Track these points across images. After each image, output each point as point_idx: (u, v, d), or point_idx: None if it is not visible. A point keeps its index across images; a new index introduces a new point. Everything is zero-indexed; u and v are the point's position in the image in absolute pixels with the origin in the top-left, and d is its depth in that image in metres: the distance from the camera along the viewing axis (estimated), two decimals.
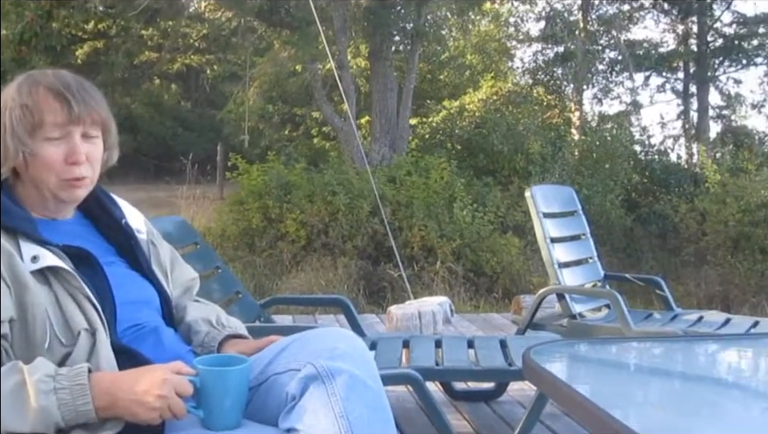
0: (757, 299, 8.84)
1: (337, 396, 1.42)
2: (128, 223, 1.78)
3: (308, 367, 1.46)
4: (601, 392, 1.48)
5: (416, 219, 9.00)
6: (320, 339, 1.54)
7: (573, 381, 1.44)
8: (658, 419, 1.37)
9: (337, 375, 1.44)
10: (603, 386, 1.57)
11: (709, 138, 16.68)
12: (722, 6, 17.04)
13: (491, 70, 17.27)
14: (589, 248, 4.71)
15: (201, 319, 1.81)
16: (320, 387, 1.43)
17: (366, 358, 1.52)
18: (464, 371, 3.17)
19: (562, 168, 11.18)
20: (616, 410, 1.22)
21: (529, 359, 1.46)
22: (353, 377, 1.45)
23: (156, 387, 1.40)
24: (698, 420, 1.40)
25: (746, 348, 2.35)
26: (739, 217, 9.78)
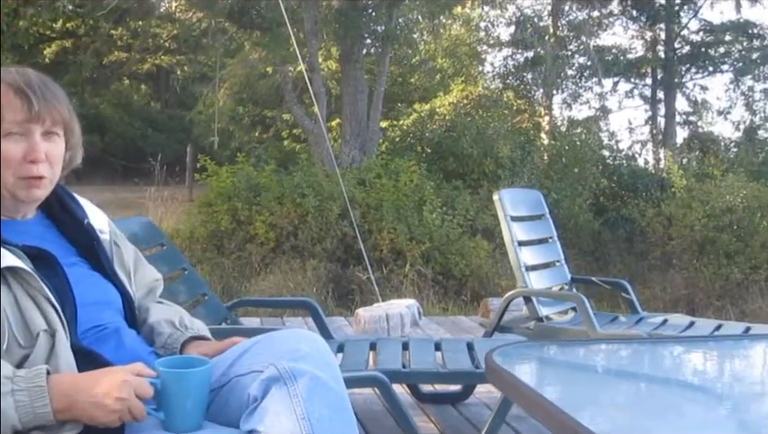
0: (721, 302, 8.96)
1: (299, 398, 1.42)
2: (90, 224, 1.76)
3: (270, 369, 1.46)
4: (562, 394, 1.49)
5: (385, 221, 9.00)
6: (283, 341, 1.54)
7: (534, 383, 1.45)
8: (620, 421, 1.38)
9: (299, 376, 1.44)
10: (565, 388, 1.58)
11: (676, 143, 16.88)
12: (689, 13, 17.26)
13: (462, 74, 17.35)
14: (556, 251, 4.75)
15: (164, 321, 1.80)
16: (282, 388, 1.43)
17: (329, 359, 1.52)
18: (430, 374, 3.18)
19: (531, 172, 11.25)
20: (577, 412, 1.23)
21: (490, 361, 1.47)
22: (315, 379, 1.44)
23: (115, 389, 1.38)
24: (660, 422, 1.41)
25: (709, 351, 2.38)
26: (704, 222, 9.90)
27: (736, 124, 18.05)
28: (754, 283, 9.16)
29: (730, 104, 18.12)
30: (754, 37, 17.12)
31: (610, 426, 1.31)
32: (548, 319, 4.26)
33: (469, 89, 15.88)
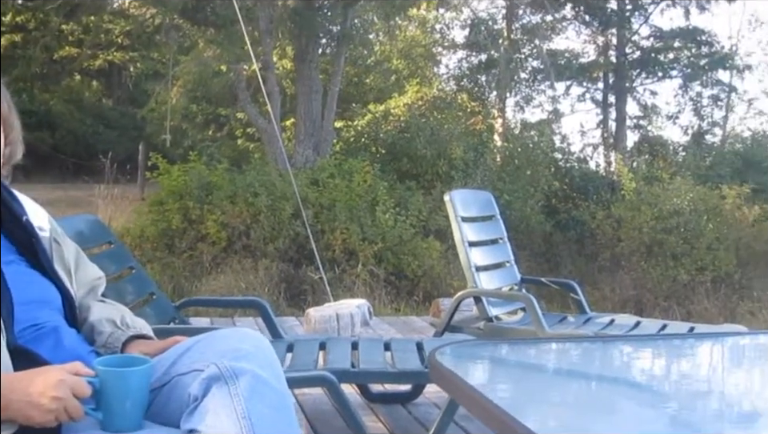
0: (668, 303, 9.13)
1: (239, 397, 1.40)
2: (29, 221, 1.73)
3: (211, 368, 1.44)
4: (504, 393, 1.50)
5: (338, 221, 8.99)
6: (224, 340, 1.53)
7: (476, 382, 1.46)
8: (561, 420, 1.39)
9: (240, 375, 1.43)
10: (507, 387, 1.59)
11: (626, 147, 17.17)
12: (640, 19, 17.57)
13: (417, 76, 17.41)
14: (506, 252, 4.78)
15: (105, 320, 1.77)
16: (223, 387, 1.42)
17: (271, 358, 1.51)
18: (379, 373, 3.19)
19: (484, 174, 11.33)
20: (518, 411, 1.24)
21: (434, 360, 1.47)
22: (256, 377, 1.44)
23: (51, 388, 1.36)
24: (598, 420, 1.43)
25: (653, 350, 2.43)
26: (653, 224, 10.08)
27: (684, 129, 18.45)
28: (700, 284, 9.35)
29: (679, 109, 18.51)
30: (702, 44, 17.49)
31: (550, 425, 1.32)
32: (498, 319, 4.29)
33: (423, 90, 15.94)
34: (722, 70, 18.01)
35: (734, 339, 2.81)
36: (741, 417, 1.62)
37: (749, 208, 10.26)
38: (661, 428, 1.44)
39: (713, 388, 1.93)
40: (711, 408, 1.70)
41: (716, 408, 1.70)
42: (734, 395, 1.85)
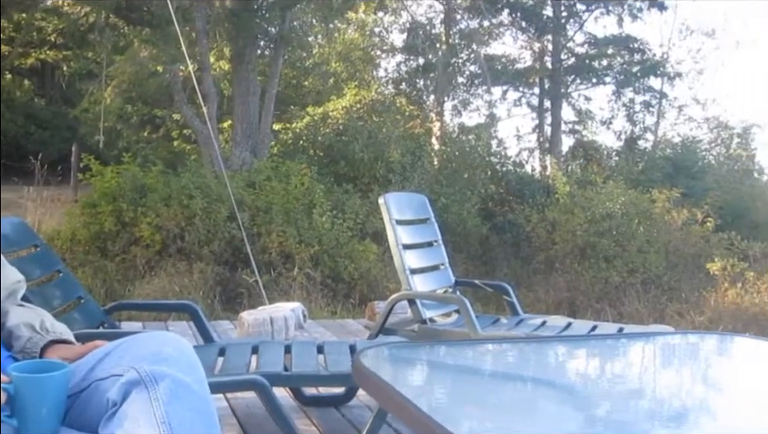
0: (600, 304, 9.29)
1: (159, 401, 1.38)
2: None
3: (131, 373, 1.42)
4: (424, 394, 1.50)
5: (275, 224, 8.93)
6: (145, 343, 1.50)
7: (397, 383, 1.47)
8: (479, 420, 1.41)
9: (160, 379, 1.40)
10: (428, 388, 1.60)
11: (561, 151, 17.46)
12: (575, 26, 17.91)
13: (355, 79, 17.42)
14: (441, 255, 4.80)
15: (23, 324, 1.72)
16: (142, 392, 1.39)
17: (192, 361, 1.49)
18: (311, 376, 3.18)
19: (422, 177, 11.40)
20: (435, 411, 1.25)
21: (357, 362, 1.47)
22: (176, 381, 1.41)
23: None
24: (519, 421, 1.45)
25: (581, 350, 2.47)
26: (586, 227, 10.26)
27: (618, 134, 18.84)
28: (631, 285, 9.55)
29: (612, 114, 18.89)
30: (634, 51, 17.93)
31: (468, 425, 1.33)
32: (432, 321, 4.31)
33: (362, 93, 15.95)
34: (654, 77, 18.48)
35: (661, 339, 2.88)
36: (669, 416, 1.66)
37: (678, 212, 10.52)
38: (588, 428, 1.46)
39: (640, 388, 1.97)
40: (640, 407, 1.73)
41: (646, 408, 1.74)
42: (663, 395, 1.89)
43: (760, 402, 1.75)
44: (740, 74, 31.05)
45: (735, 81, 31.47)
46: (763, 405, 1.72)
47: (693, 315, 8.34)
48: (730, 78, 31.92)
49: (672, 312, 8.72)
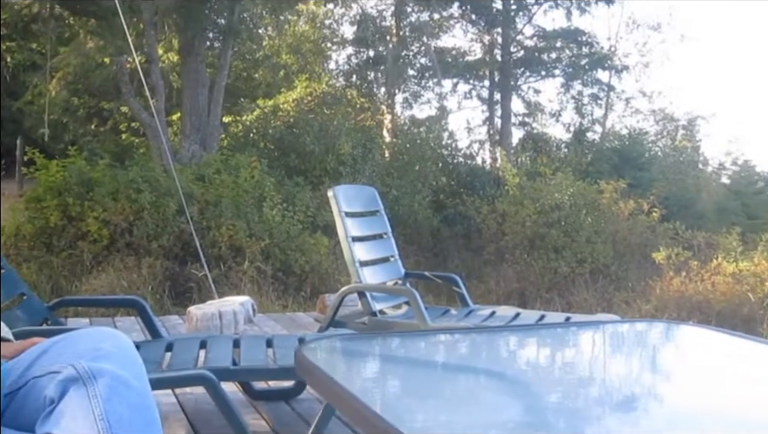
0: (549, 294, 9.41)
1: (98, 398, 1.36)
2: None
3: (68, 369, 1.39)
4: (364, 384, 1.50)
5: (224, 218, 8.85)
6: (83, 340, 1.48)
7: (337, 375, 1.47)
8: (418, 411, 1.41)
9: (99, 376, 1.38)
10: (367, 378, 1.60)
11: (511, 143, 17.60)
12: (524, 19, 18.05)
13: (306, 71, 17.34)
14: (390, 247, 4.82)
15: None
16: (80, 389, 1.37)
17: (132, 357, 1.47)
18: (260, 370, 3.16)
19: (372, 169, 11.41)
20: (374, 401, 1.25)
21: (299, 354, 1.47)
22: (115, 378, 1.39)
23: None
24: (461, 409, 1.46)
25: (527, 339, 2.50)
26: (535, 218, 10.37)
27: (567, 126, 19.06)
28: (580, 275, 9.69)
29: (561, 107, 19.10)
30: (582, 44, 18.14)
31: (410, 417, 1.33)
32: (382, 313, 4.33)
33: (313, 86, 15.90)
34: (602, 70, 18.73)
35: (607, 327, 2.93)
36: (619, 401, 1.69)
37: (624, 203, 10.68)
38: (539, 416, 1.48)
39: (588, 375, 1.99)
40: (590, 394, 1.75)
41: (595, 394, 1.76)
42: (611, 381, 1.92)
43: (703, 386, 1.79)
44: (685, 67, 31.71)
45: (680, 74, 32.08)
46: (706, 389, 1.76)
47: (639, 304, 8.48)
48: (675, 71, 32.57)
49: (619, 301, 8.86)
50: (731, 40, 32.10)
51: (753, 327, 7.51)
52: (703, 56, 31.84)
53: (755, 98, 32.65)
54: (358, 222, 4.51)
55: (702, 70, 31.71)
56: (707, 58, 31.01)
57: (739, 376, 1.89)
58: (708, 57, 31.58)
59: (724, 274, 8.52)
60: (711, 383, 1.83)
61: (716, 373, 1.96)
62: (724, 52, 30.19)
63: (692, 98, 33.90)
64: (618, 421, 1.51)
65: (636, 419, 1.52)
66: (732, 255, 8.98)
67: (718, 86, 31.30)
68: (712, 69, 32.04)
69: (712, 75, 32.15)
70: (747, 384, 1.78)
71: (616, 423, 1.49)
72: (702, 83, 32.43)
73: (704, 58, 31.93)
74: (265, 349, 3.37)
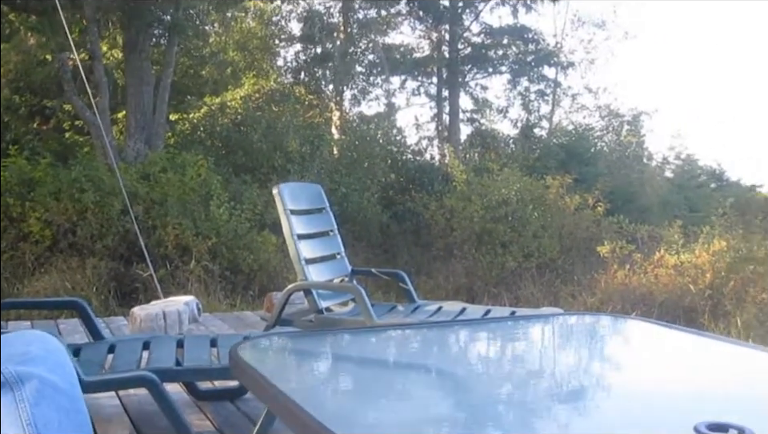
0: (497, 289, 9.50)
1: (25, 402, 1.34)
2: None
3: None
4: (296, 383, 1.49)
5: (170, 217, 8.76)
6: (10, 344, 1.45)
7: (272, 374, 1.46)
8: (342, 406, 1.41)
9: (26, 380, 1.36)
10: (301, 377, 1.59)
11: (459, 139, 17.70)
12: (471, 16, 18.16)
13: (254, 68, 17.20)
14: (337, 244, 4.82)
15: None
16: (8, 394, 1.35)
17: (62, 361, 1.45)
18: (203, 370, 3.15)
19: (321, 166, 11.37)
20: (306, 400, 1.25)
21: (234, 354, 1.46)
22: (44, 381, 1.37)
23: None
24: (383, 405, 1.45)
25: (471, 334, 2.52)
26: (482, 214, 10.45)
27: (514, 122, 19.21)
28: (527, 270, 9.80)
29: (509, 103, 19.24)
30: (529, 41, 18.32)
31: (345, 416, 1.32)
32: (329, 310, 4.33)
33: (261, 83, 15.79)
34: (548, 67, 18.92)
35: (549, 321, 2.97)
36: (567, 393, 1.70)
37: (570, 197, 10.83)
38: (487, 409, 1.49)
39: (533, 368, 2.01)
40: (536, 386, 1.77)
41: (542, 386, 1.78)
42: (556, 374, 1.94)
43: (644, 378, 1.83)
44: (629, 64, 32.25)
45: (625, 70, 32.60)
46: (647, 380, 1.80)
47: (585, 297, 8.62)
48: (619, 67, 33.06)
49: (566, 295, 8.99)
50: (672, 37, 32.75)
51: (694, 318, 7.69)
52: (646, 53, 32.44)
53: (697, 94, 33.42)
54: (303, 219, 4.50)
55: (645, 66, 32.33)
56: (650, 55, 31.54)
57: (670, 367, 1.93)
58: (650, 54, 32.17)
59: (666, 266, 8.70)
60: (644, 375, 1.87)
61: (650, 364, 2.00)
62: (666, 49, 30.79)
63: (636, 94, 34.46)
64: (556, 413, 1.53)
65: (569, 412, 1.54)
66: (674, 247, 9.18)
67: (661, 82, 31.88)
68: (655, 66, 32.68)
69: (655, 72, 32.79)
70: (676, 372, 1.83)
71: (555, 416, 1.51)
72: (645, 80, 33.01)
73: (647, 55, 32.53)
74: (209, 349, 3.35)
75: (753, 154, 31.49)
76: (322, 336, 2.27)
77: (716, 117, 32.59)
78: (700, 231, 9.41)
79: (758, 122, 30.16)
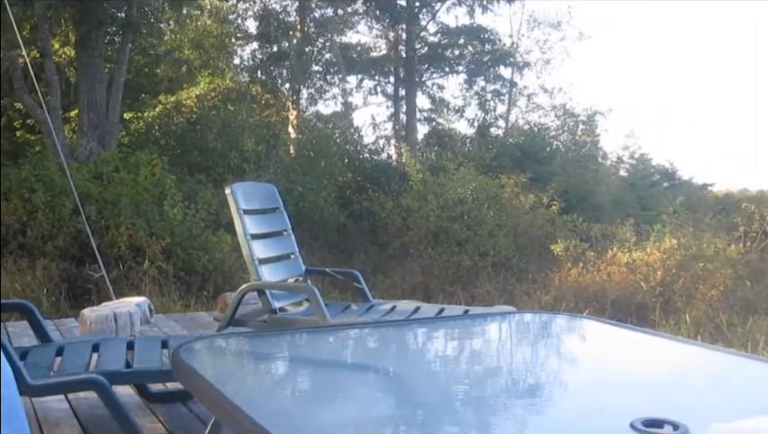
0: (453, 287, 9.55)
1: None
2: None
3: None
4: (236, 385, 1.48)
5: (124, 217, 8.64)
6: None
7: (212, 375, 1.45)
8: (285, 407, 1.40)
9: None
10: (242, 379, 1.58)
11: (416, 138, 17.75)
12: (428, 16, 18.23)
13: (209, 67, 17.04)
14: (291, 244, 4.79)
15: None
16: None
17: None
18: (153, 372, 3.12)
19: (277, 166, 11.32)
20: (247, 401, 1.24)
21: (175, 355, 1.45)
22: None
23: None
24: (328, 406, 1.45)
25: (424, 332, 2.53)
26: (438, 213, 10.50)
27: (471, 121, 19.33)
28: (482, 268, 9.87)
29: (465, 103, 19.36)
30: (485, 41, 18.46)
31: (285, 418, 1.32)
32: (283, 310, 4.31)
33: (216, 82, 15.64)
34: (504, 67, 19.08)
35: (502, 318, 2.99)
36: (522, 390, 1.72)
37: (525, 196, 10.94)
38: (445, 406, 1.50)
39: (487, 365, 2.03)
40: (489, 383, 1.78)
41: (494, 383, 1.79)
42: (508, 371, 1.96)
43: (586, 375, 1.86)
44: (584, 64, 32.67)
45: (580, 71, 33.03)
46: (589, 378, 1.82)
47: (539, 295, 8.70)
48: (574, 68, 33.46)
49: (521, 292, 9.07)
50: (626, 38, 33.27)
51: (645, 314, 7.82)
52: (600, 54, 32.90)
53: (651, 94, 33.97)
54: (257, 219, 4.47)
55: (600, 67, 32.79)
56: (604, 55, 32.03)
57: (613, 365, 1.97)
58: (605, 54, 32.63)
59: (619, 264, 8.84)
60: (587, 373, 1.90)
61: (594, 362, 2.03)
62: (620, 50, 31.25)
63: (591, 94, 34.92)
64: (496, 410, 1.54)
65: (510, 409, 1.56)
66: (626, 245, 9.32)
67: (616, 82, 32.39)
68: (609, 66, 33.16)
69: (609, 72, 33.28)
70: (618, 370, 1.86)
71: (495, 413, 1.53)
72: (600, 80, 33.50)
73: (601, 55, 32.99)
74: (160, 350, 3.32)
75: (731, 155, 32.20)
76: (270, 337, 2.26)
77: (668, 116, 33.22)
78: (652, 229, 9.56)
79: (712, 122, 30.80)
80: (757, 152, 34.11)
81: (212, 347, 1.75)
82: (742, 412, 1.36)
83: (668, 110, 34.73)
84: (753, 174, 37.90)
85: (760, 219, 9.12)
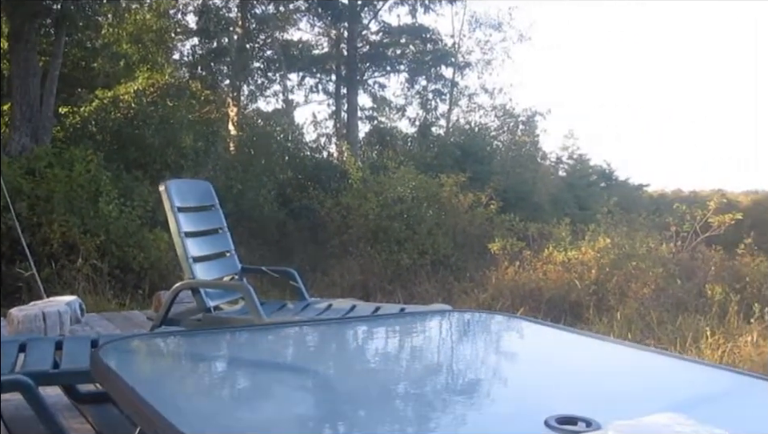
0: (392, 286, 9.58)
1: None
2: None
3: None
4: (156, 387, 1.46)
5: (57, 213, 8.46)
6: None
7: (131, 375, 1.44)
8: (202, 406, 1.40)
9: None
10: (162, 380, 1.56)
11: (358, 137, 17.76)
12: (370, 15, 18.24)
13: (148, 62, 16.77)
14: (226, 242, 4.76)
15: None
16: None
17: None
18: (82, 373, 3.06)
19: (216, 163, 11.21)
20: (165, 404, 1.23)
21: (95, 356, 1.43)
22: None
23: None
24: (249, 405, 1.44)
25: (358, 331, 2.54)
26: (378, 211, 10.53)
27: (412, 120, 19.42)
28: (421, 267, 9.93)
29: (407, 102, 19.44)
30: (427, 41, 18.55)
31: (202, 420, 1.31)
32: (218, 309, 4.29)
33: (155, 77, 15.40)
34: (445, 66, 19.20)
35: (437, 316, 3.02)
36: (432, 390, 1.74)
37: (464, 196, 11.03)
38: (331, 407, 1.50)
39: (423, 363, 2.05)
40: (426, 381, 1.80)
41: (431, 380, 1.81)
42: (443, 369, 1.98)
43: (506, 373, 1.89)
44: (524, 65, 33.09)
45: (520, 72, 33.45)
46: (508, 376, 1.85)
47: (477, 293, 8.79)
48: (515, 69, 33.87)
49: (459, 291, 9.15)
50: (565, 40, 33.78)
51: (579, 312, 7.97)
52: (540, 55, 33.40)
53: (590, 95, 34.58)
54: (191, 217, 4.43)
55: (540, 68, 33.27)
56: (544, 57, 32.49)
57: (534, 363, 2.00)
58: (545, 56, 33.13)
59: (554, 263, 8.99)
60: (507, 371, 1.94)
61: (516, 361, 2.07)
62: (559, 51, 31.76)
63: (531, 94, 35.42)
64: (411, 407, 1.56)
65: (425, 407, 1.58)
66: (562, 244, 9.47)
67: (555, 83, 32.87)
68: (549, 67, 33.65)
69: (549, 73, 33.77)
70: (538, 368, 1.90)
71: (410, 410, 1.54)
72: (539, 81, 33.99)
73: (541, 57, 33.49)
74: (89, 350, 3.26)
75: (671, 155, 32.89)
76: (201, 335, 2.24)
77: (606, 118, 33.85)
78: (587, 228, 9.74)
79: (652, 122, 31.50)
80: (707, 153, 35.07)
81: (137, 346, 1.73)
82: (654, 408, 1.40)
83: (607, 111, 35.40)
84: (691, 175, 38.91)
85: (691, 219, 9.36)
